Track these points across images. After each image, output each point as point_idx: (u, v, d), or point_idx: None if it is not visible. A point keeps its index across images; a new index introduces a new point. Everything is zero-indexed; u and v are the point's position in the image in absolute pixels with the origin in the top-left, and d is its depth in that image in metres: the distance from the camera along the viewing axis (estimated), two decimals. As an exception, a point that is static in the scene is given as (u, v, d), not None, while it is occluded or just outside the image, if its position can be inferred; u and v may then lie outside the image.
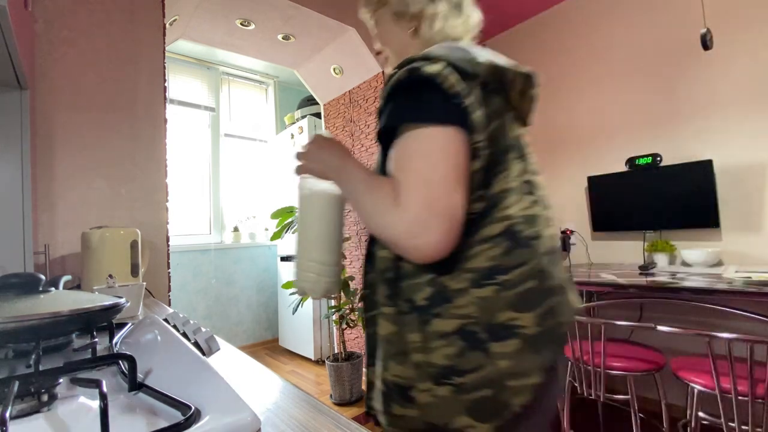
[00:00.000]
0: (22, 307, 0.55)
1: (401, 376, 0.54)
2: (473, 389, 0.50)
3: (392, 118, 0.54)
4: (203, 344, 0.56)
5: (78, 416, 0.39)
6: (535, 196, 0.59)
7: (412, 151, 0.52)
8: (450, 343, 0.51)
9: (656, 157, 2.03)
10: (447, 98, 0.51)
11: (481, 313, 0.51)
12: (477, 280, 0.52)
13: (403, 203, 0.50)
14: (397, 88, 0.55)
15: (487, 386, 0.50)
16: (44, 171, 1.29)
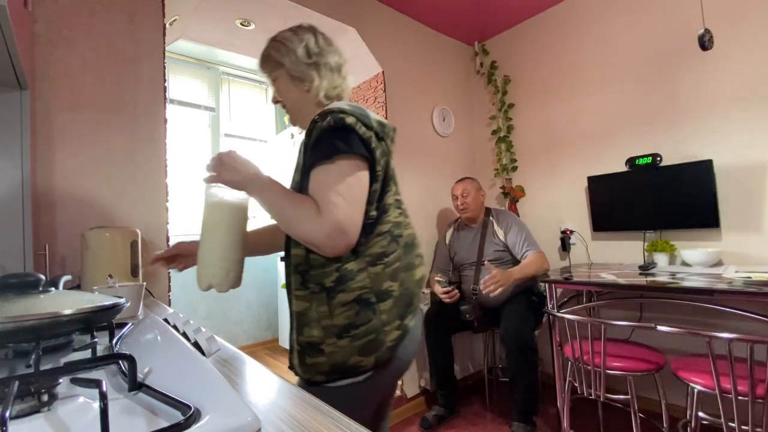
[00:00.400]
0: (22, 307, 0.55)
1: (313, 336, 0.75)
2: (363, 336, 0.74)
3: (330, 150, 0.73)
4: (203, 344, 0.56)
5: (78, 416, 0.39)
6: (401, 209, 0.89)
7: (334, 178, 0.72)
8: (350, 308, 0.74)
9: (656, 157, 2.03)
10: (361, 140, 0.75)
11: (372, 284, 0.76)
12: (372, 262, 0.77)
13: (325, 216, 0.69)
14: (328, 131, 0.74)
15: (372, 333, 0.74)
16: (44, 171, 1.29)
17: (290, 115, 0.93)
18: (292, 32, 0.89)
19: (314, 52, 0.88)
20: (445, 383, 2.12)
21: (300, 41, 0.87)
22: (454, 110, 2.81)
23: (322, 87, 0.88)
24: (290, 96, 0.89)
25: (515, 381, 1.85)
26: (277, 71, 0.88)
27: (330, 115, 0.74)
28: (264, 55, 0.90)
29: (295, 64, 0.87)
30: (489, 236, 2.18)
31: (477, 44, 2.92)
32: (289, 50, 0.87)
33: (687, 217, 1.93)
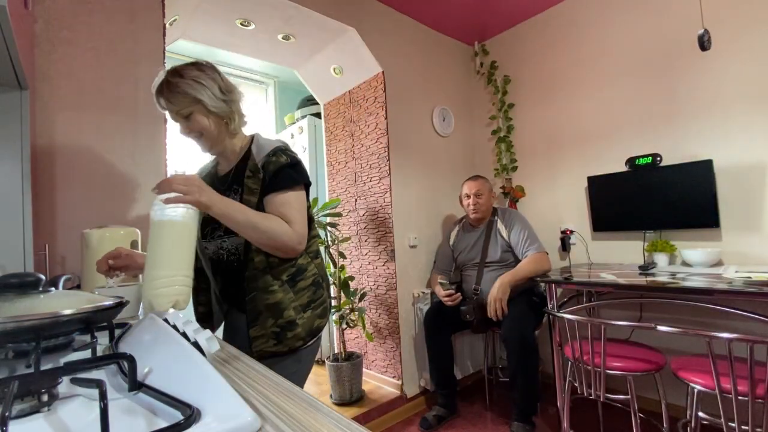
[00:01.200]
0: (22, 307, 0.55)
1: (290, 316, 0.99)
2: (320, 306, 1.06)
3: (290, 181, 0.99)
4: (203, 344, 0.56)
5: (78, 416, 0.39)
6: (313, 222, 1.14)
7: (295, 200, 0.99)
8: (308, 290, 1.04)
9: (656, 157, 2.03)
10: (305, 172, 1.04)
11: (319, 271, 1.09)
12: (314, 257, 1.09)
13: (294, 228, 0.96)
14: (286, 166, 0.99)
15: (324, 303, 1.07)
16: (44, 171, 1.29)
17: (206, 144, 1.03)
18: (198, 70, 0.98)
19: (226, 89, 1.02)
20: (445, 383, 2.12)
21: (212, 80, 0.99)
22: (454, 110, 2.81)
23: (240, 121, 1.06)
24: (208, 129, 1.00)
25: (515, 381, 1.84)
26: (194, 107, 0.97)
27: (283, 153, 1.00)
28: (177, 92, 0.95)
29: (213, 100, 0.98)
30: (493, 236, 2.17)
31: (477, 44, 2.92)
32: (205, 87, 0.97)
33: (687, 217, 1.93)
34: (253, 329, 0.97)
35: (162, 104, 0.98)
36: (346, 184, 2.66)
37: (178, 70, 0.97)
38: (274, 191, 0.97)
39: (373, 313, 2.48)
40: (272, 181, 0.97)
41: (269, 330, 0.97)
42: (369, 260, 2.50)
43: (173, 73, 0.96)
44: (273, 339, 0.98)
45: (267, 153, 0.99)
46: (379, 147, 2.40)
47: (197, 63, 1.01)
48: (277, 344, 0.98)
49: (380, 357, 2.45)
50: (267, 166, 0.98)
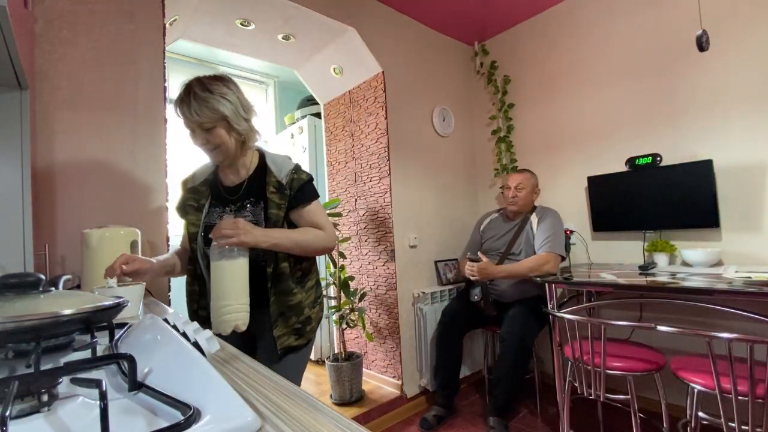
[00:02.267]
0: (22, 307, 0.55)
1: (306, 314, 1.11)
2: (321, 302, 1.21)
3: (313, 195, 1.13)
4: (203, 344, 0.56)
5: (78, 416, 0.39)
6: None
7: (320, 209, 1.14)
8: (314, 288, 1.17)
9: (656, 157, 2.03)
10: None
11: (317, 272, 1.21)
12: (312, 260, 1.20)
13: (327, 231, 1.11)
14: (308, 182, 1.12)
15: (322, 298, 1.22)
16: (44, 171, 1.29)
17: (219, 157, 1.07)
18: (226, 87, 1.02)
19: (247, 108, 1.06)
20: (449, 385, 2.13)
21: (237, 97, 1.03)
22: (454, 110, 2.81)
23: (255, 139, 1.11)
24: (227, 143, 1.04)
25: (500, 378, 1.88)
26: (218, 122, 1.00)
27: (302, 171, 1.12)
28: (206, 106, 0.97)
29: (237, 117, 1.02)
30: (525, 232, 2.12)
31: (477, 44, 2.92)
32: (231, 104, 1.01)
33: (687, 217, 1.93)
34: (276, 329, 1.07)
35: (185, 114, 0.99)
36: (346, 184, 2.66)
37: (206, 83, 0.99)
38: (302, 204, 1.09)
39: (373, 313, 2.48)
40: (299, 196, 1.09)
41: (291, 327, 1.08)
42: (369, 260, 2.50)
43: (201, 86, 0.99)
44: (294, 335, 1.09)
45: (290, 170, 1.09)
46: (379, 147, 2.40)
47: (223, 78, 1.04)
48: (299, 338, 1.10)
49: (380, 357, 2.45)
50: (292, 183, 1.08)
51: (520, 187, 2.17)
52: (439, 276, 2.56)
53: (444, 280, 2.55)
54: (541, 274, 1.89)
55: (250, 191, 1.10)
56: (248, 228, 0.98)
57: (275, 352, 1.06)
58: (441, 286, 2.52)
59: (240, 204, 1.10)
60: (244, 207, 1.09)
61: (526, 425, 2.01)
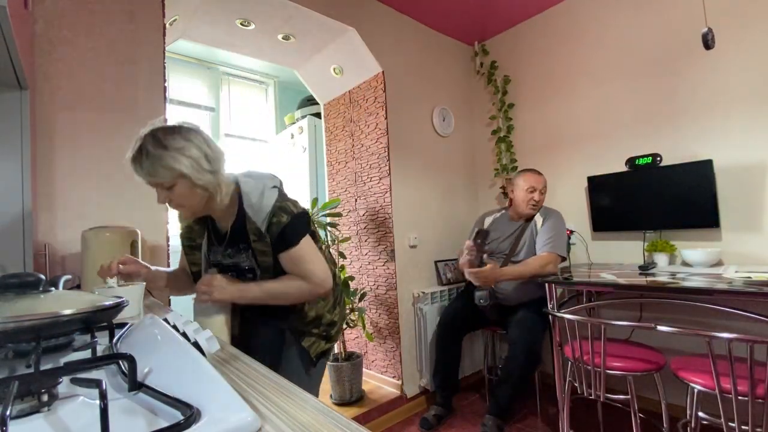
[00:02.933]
0: (22, 307, 0.55)
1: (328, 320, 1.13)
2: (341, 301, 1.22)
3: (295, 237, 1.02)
4: (203, 344, 0.56)
5: (78, 416, 0.39)
6: None
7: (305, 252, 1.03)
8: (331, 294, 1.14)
9: (656, 157, 2.03)
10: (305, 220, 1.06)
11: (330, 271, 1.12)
12: None
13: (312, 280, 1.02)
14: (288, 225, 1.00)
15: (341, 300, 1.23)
16: (44, 171, 1.29)
17: (187, 214, 1.01)
18: (183, 139, 0.90)
19: (213, 158, 0.95)
20: (448, 385, 2.13)
21: (198, 149, 0.92)
22: (454, 110, 2.81)
23: (224, 192, 1.00)
24: (191, 201, 0.95)
25: (505, 380, 1.86)
26: (177, 179, 0.90)
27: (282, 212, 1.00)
28: (161, 165, 0.87)
29: (199, 173, 0.91)
30: (529, 232, 2.07)
31: (477, 44, 2.92)
32: (189, 159, 0.89)
33: (687, 217, 1.93)
34: (304, 340, 1.09)
35: (139, 173, 0.89)
36: (346, 184, 2.66)
37: (160, 139, 0.88)
38: (284, 250, 1.01)
39: (373, 313, 2.48)
40: (279, 242, 1.00)
41: (319, 335, 1.11)
42: (369, 260, 2.50)
43: (154, 142, 0.87)
44: (323, 340, 1.12)
45: (267, 215, 1.00)
46: (379, 147, 2.40)
47: (182, 129, 0.92)
48: (328, 342, 1.13)
49: (380, 357, 2.45)
50: (270, 228, 1.00)
51: (544, 191, 2.09)
52: (439, 276, 2.56)
53: (444, 280, 2.55)
54: (544, 274, 1.88)
55: (236, 239, 1.06)
56: (223, 284, 0.99)
57: (309, 359, 1.10)
58: (441, 286, 2.52)
59: (229, 250, 1.08)
60: (238, 252, 1.06)
61: (526, 425, 2.01)
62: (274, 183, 1.06)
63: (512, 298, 2.02)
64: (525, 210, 2.08)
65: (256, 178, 1.06)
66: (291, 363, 1.11)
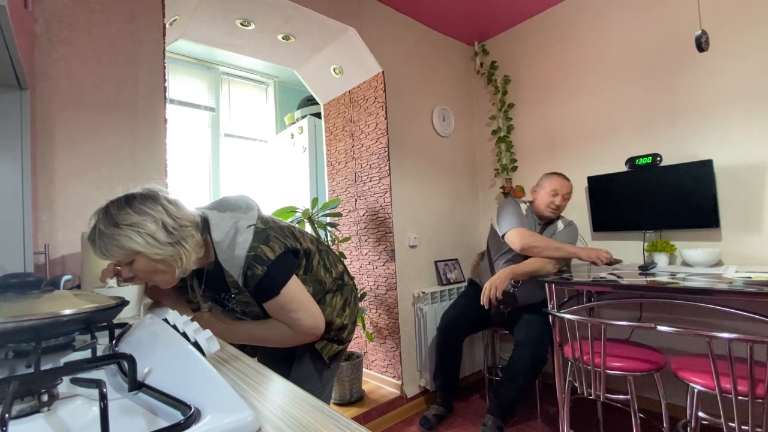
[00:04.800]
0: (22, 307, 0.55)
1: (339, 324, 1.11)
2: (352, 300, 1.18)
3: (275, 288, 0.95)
4: (203, 344, 0.56)
5: (78, 416, 0.39)
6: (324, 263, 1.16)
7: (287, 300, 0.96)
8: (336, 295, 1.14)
9: (656, 157, 2.03)
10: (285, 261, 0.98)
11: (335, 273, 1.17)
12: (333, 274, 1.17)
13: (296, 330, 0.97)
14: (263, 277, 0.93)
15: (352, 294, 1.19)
16: (44, 171, 1.29)
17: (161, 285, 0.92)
18: (138, 214, 0.83)
19: (174, 227, 0.86)
20: (449, 385, 2.13)
21: (154, 221, 0.84)
22: (454, 110, 2.81)
23: (191, 259, 0.89)
24: (156, 276, 0.88)
25: (509, 380, 1.85)
26: (134, 256, 0.84)
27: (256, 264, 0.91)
28: (113, 245, 0.81)
29: (156, 248, 0.83)
30: (549, 233, 2.04)
31: (477, 44, 2.92)
32: (146, 235, 0.82)
33: (687, 217, 1.93)
34: (316, 343, 1.08)
35: (96, 254, 0.84)
36: (346, 184, 2.66)
37: (113, 215, 0.82)
38: (265, 301, 0.95)
39: (373, 313, 2.48)
40: (258, 295, 0.95)
41: (330, 339, 1.10)
42: (369, 260, 2.50)
43: (107, 219, 0.82)
44: (335, 343, 1.11)
45: (241, 269, 0.92)
46: (379, 147, 2.40)
47: (136, 201, 0.85)
48: (341, 344, 1.13)
49: (380, 357, 2.45)
50: (247, 282, 0.93)
51: (568, 196, 2.04)
52: (439, 276, 2.56)
53: (444, 280, 2.55)
54: (546, 273, 1.88)
55: (217, 289, 1.03)
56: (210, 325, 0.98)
57: (322, 362, 1.10)
58: (441, 286, 2.52)
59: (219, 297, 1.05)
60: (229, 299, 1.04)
61: (526, 425, 2.01)
62: (248, 220, 0.97)
63: (519, 300, 2.01)
64: (544, 212, 2.04)
65: (228, 218, 0.97)
66: (303, 366, 1.10)
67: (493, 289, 1.85)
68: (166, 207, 0.87)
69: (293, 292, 0.96)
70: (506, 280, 1.86)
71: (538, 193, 2.09)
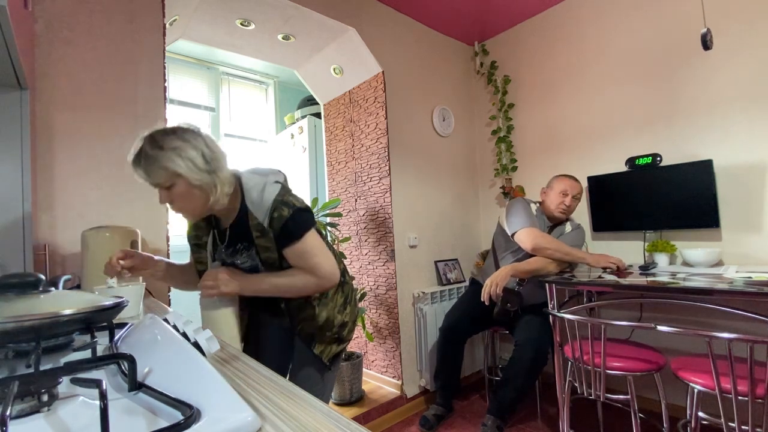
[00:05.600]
0: (22, 307, 0.55)
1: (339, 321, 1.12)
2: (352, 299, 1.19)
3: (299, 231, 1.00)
4: (203, 344, 0.56)
5: (78, 416, 0.39)
6: None
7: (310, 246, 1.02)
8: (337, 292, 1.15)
9: (656, 157, 2.03)
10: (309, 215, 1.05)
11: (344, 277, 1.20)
12: None
13: (318, 273, 1.01)
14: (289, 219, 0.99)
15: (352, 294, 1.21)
16: (44, 171, 1.29)
17: (188, 216, 1.00)
18: (180, 139, 0.91)
19: (211, 158, 0.95)
20: (449, 385, 2.13)
21: (195, 149, 0.92)
22: (454, 110, 2.81)
23: (223, 192, 0.97)
24: (191, 202, 0.95)
25: (510, 380, 1.85)
26: (174, 179, 0.91)
27: (283, 206, 0.99)
28: (156, 165, 0.89)
29: (195, 173, 0.91)
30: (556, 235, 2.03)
31: (477, 44, 2.92)
32: (187, 160, 0.90)
33: (687, 217, 1.93)
34: (315, 347, 1.09)
35: (138, 174, 0.92)
36: (346, 184, 2.66)
37: (158, 139, 0.90)
38: (288, 245, 1.00)
39: (373, 313, 2.48)
40: (282, 236, 0.99)
41: (330, 338, 1.11)
42: (369, 260, 2.50)
43: (152, 142, 0.89)
44: (335, 343, 1.12)
45: (267, 210, 0.99)
46: (379, 147, 2.40)
47: (178, 130, 0.94)
48: (341, 343, 1.13)
49: (380, 357, 2.45)
50: (272, 224, 0.99)
51: (578, 197, 2.03)
52: (439, 276, 2.56)
53: (444, 280, 2.55)
54: (547, 273, 1.88)
55: (237, 237, 1.05)
56: (227, 278, 0.99)
57: (323, 365, 1.10)
58: (441, 286, 2.52)
59: (231, 249, 1.07)
60: (240, 251, 1.06)
61: (526, 425, 2.01)
62: (277, 178, 1.04)
63: (523, 299, 2.00)
64: (554, 213, 2.04)
65: (260, 174, 1.05)
66: (304, 370, 1.11)
67: (494, 285, 1.84)
68: (205, 139, 0.96)
69: (314, 240, 1.02)
70: (507, 277, 1.86)
71: (548, 194, 2.10)
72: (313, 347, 1.09)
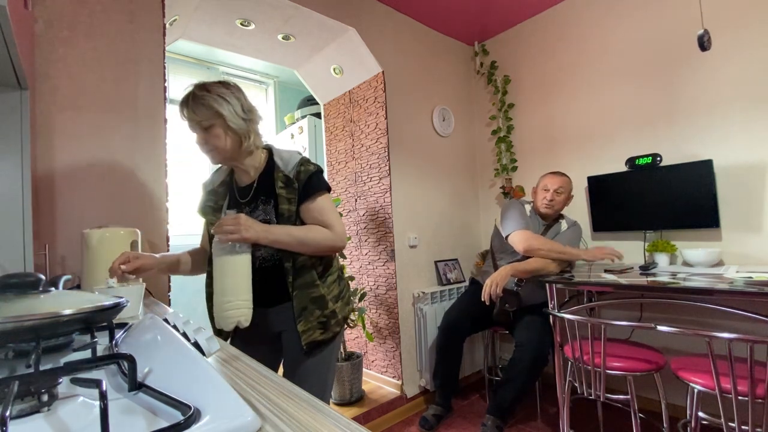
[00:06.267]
0: (22, 307, 0.55)
1: (330, 308, 1.10)
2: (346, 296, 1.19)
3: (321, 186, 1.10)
4: (203, 344, 0.56)
5: (78, 416, 0.39)
6: None
7: (328, 203, 1.11)
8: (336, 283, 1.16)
9: (656, 157, 2.03)
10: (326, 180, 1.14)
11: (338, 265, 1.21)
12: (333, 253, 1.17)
13: (335, 230, 1.08)
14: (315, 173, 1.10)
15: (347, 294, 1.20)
16: (44, 171, 1.29)
17: (218, 157, 1.08)
18: (225, 88, 1.05)
19: (248, 109, 1.08)
20: (448, 385, 2.13)
21: (236, 98, 1.05)
22: (454, 110, 2.81)
23: (255, 143, 1.10)
24: (224, 144, 1.05)
25: (510, 380, 1.85)
26: (215, 120, 1.02)
27: (310, 163, 1.11)
28: (201, 104, 1.01)
29: (234, 117, 1.04)
30: (551, 235, 2.03)
31: (477, 44, 2.92)
32: (229, 104, 1.03)
33: (687, 217, 1.93)
34: (300, 323, 1.07)
35: (185, 114, 1.03)
36: (346, 184, 2.66)
37: (206, 84, 1.04)
38: (309, 198, 1.08)
39: (373, 313, 2.48)
40: (306, 188, 1.07)
41: (315, 321, 1.09)
42: (369, 260, 2.50)
43: (201, 86, 1.03)
44: (319, 329, 1.09)
45: (296, 163, 1.09)
46: (379, 147, 2.40)
47: (224, 81, 1.07)
48: (324, 332, 1.10)
49: (380, 357, 2.45)
50: (299, 175, 1.08)
51: (561, 191, 2.03)
52: (439, 276, 2.56)
53: (444, 280, 2.55)
54: (547, 273, 1.87)
55: (261, 190, 1.11)
56: (249, 223, 0.99)
57: (301, 347, 1.07)
58: (441, 286, 2.52)
59: (253, 204, 1.11)
60: (257, 207, 1.10)
61: (526, 425, 2.01)
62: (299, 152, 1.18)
63: (523, 299, 2.00)
64: (540, 209, 2.07)
65: None
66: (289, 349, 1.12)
67: (494, 285, 1.85)
68: (245, 96, 1.09)
69: (331, 202, 1.13)
70: (507, 277, 1.86)
71: (535, 193, 2.13)
72: (298, 322, 1.06)
